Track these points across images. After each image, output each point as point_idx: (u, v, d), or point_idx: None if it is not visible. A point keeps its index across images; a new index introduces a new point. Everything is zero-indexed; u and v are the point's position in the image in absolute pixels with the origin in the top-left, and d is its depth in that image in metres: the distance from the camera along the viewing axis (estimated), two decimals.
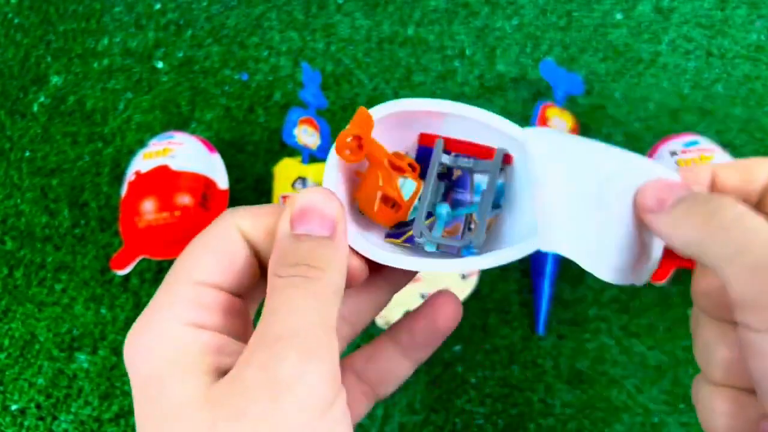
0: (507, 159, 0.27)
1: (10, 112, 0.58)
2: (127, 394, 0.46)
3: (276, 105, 0.57)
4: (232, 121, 0.56)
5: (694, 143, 0.46)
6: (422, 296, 0.43)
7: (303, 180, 0.49)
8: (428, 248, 0.27)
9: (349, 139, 0.25)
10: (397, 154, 0.27)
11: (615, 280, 0.27)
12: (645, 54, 0.56)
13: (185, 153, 0.49)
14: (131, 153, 0.55)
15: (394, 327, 0.28)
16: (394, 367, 0.28)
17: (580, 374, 0.44)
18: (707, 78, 0.55)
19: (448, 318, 0.28)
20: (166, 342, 0.21)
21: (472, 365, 0.46)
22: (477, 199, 0.28)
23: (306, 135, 0.50)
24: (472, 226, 0.27)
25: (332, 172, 0.27)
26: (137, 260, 0.46)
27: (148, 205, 0.46)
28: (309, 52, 0.59)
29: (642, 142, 0.52)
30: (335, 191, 0.26)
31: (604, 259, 0.27)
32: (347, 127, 0.25)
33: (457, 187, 0.28)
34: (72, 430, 0.45)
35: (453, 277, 0.44)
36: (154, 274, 0.50)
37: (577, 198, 0.26)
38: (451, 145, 0.28)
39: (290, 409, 0.19)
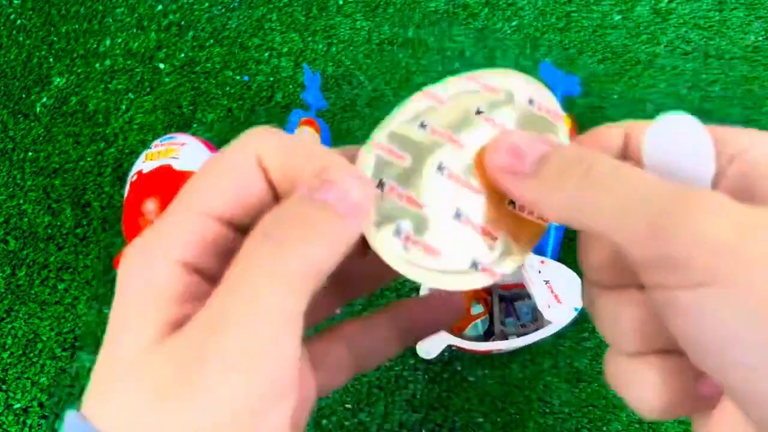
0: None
1: (13, 113, 0.59)
2: None
3: (277, 106, 0.57)
4: (234, 121, 0.57)
5: None
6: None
7: None
8: (510, 337, 0.47)
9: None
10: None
11: None
12: (643, 55, 0.57)
13: (187, 154, 0.49)
14: (133, 153, 0.55)
15: (395, 311, 0.28)
16: (384, 347, 0.28)
17: (579, 373, 0.45)
18: (705, 79, 0.55)
19: (451, 315, 0.28)
20: (148, 275, 0.19)
21: (471, 364, 0.46)
22: (525, 317, 0.49)
23: (307, 136, 0.51)
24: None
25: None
26: None
27: (151, 205, 0.46)
28: (310, 53, 0.59)
29: None
30: None
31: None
32: None
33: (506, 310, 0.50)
34: None
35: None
36: None
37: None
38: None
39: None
